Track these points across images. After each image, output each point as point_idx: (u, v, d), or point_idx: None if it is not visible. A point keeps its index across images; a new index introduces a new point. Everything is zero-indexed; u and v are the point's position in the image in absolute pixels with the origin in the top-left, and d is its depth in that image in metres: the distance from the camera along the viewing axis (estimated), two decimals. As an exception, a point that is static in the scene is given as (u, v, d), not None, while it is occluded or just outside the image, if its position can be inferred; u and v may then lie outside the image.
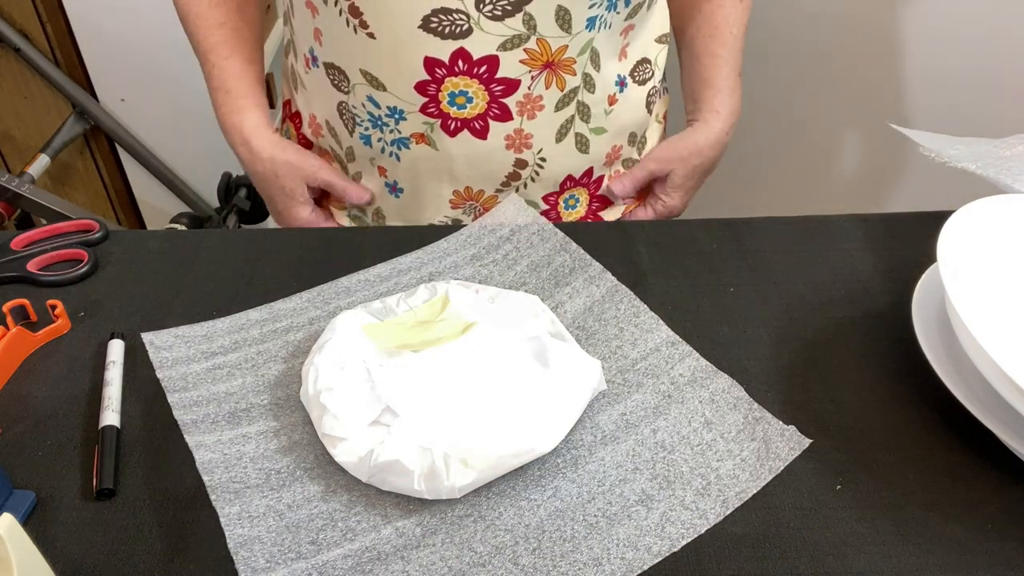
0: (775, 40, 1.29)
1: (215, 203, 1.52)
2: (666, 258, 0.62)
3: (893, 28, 1.27)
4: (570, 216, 0.78)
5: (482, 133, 0.68)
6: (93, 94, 1.48)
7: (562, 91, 0.68)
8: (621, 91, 0.73)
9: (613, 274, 0.59)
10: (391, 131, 0.69)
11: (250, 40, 0.76)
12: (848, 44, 1.30)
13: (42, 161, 1.43)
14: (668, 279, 0.60)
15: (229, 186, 1.46)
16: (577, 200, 0.77)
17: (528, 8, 0.62)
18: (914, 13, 1.25)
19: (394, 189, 0.74)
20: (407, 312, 0.55)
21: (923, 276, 0.55)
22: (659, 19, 0.77)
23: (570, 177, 0.74)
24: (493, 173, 0.71)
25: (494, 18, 0.62)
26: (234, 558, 0.42)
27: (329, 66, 0.70)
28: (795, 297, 0.59)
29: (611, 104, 0.73)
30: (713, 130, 0.76)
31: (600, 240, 0.63)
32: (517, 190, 0.73)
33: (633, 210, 0.80)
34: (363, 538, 0.43)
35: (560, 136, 0.71)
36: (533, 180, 0.73)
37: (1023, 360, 0.44)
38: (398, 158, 0.71)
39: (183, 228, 1.42)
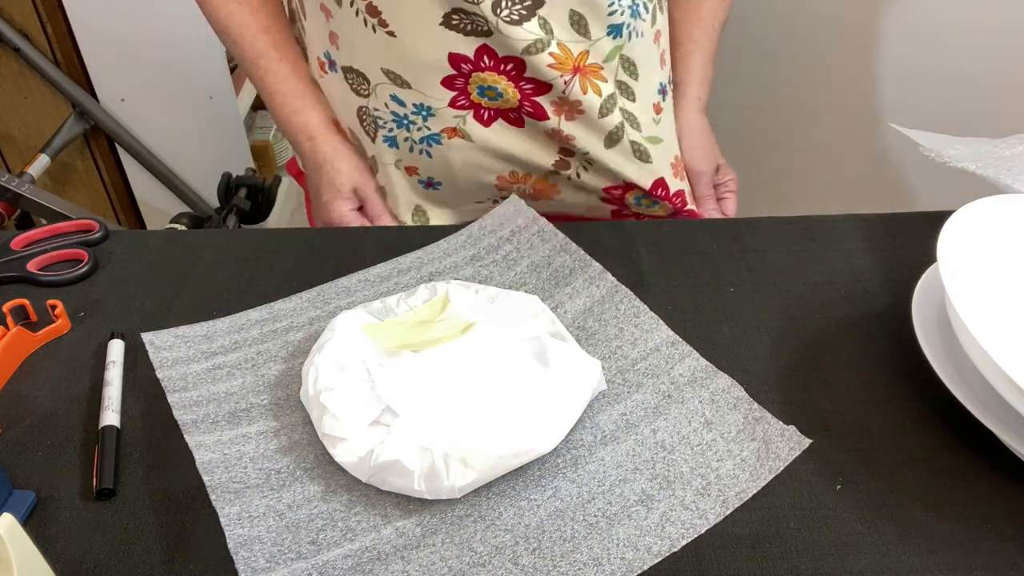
0: (775, 40, 1.29)
1: (215, 203, 1.52)
2: (666, 258, 0.62)
3: (893, 28, 1.27)
4: (654, 212, 0.77)
5: (518, 123, 0.67)
6: (93, 94, 1.48)
7: (600, 96, 0.67)
8: (664, 100, 0.73)
9: (613, 274, 0.59)
10: (419, 129, 0.68)
11: (292, 41, 0.76)
12: (848, 44, 1.30)
13: (42, 161, 1.43)
14: (668, 279, 0.60)
15: (229, 186, 1.45)
16: (656, 204, 0.76)
17: (541, 12, 0.62)
18: (915, 13, 1.25)
19: (430, 184, 0.73)
20: (407, 312, 0.55)
21: (923, 276, 0.55)
22: (664, 21, 0.77)
23: (634, 185, 0.73)
24: (537, 160, 0.70)
25: (511, 22, 0.62)
26: (234, 558, 0.42)
27: (347, 70, 0.69)
28: (795, 297, 0.59)
29: (657, 113, 0.72)
30: (699, 114, 0.80)
31: (600, 240, 0.63)
32: (569, 178, 0.72)
33: (722, 210, 0.82)
34: (363, 538, 0.43)
35: (610, 143, 0.70)
36: (585, 169, 0.71)
37: (1023, 360, 0.44)
38: (429, 155, 0.70)
39: (183, 228, 1.42)
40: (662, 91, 0.73)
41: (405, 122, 0.68)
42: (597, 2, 0.63)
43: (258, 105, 1.78)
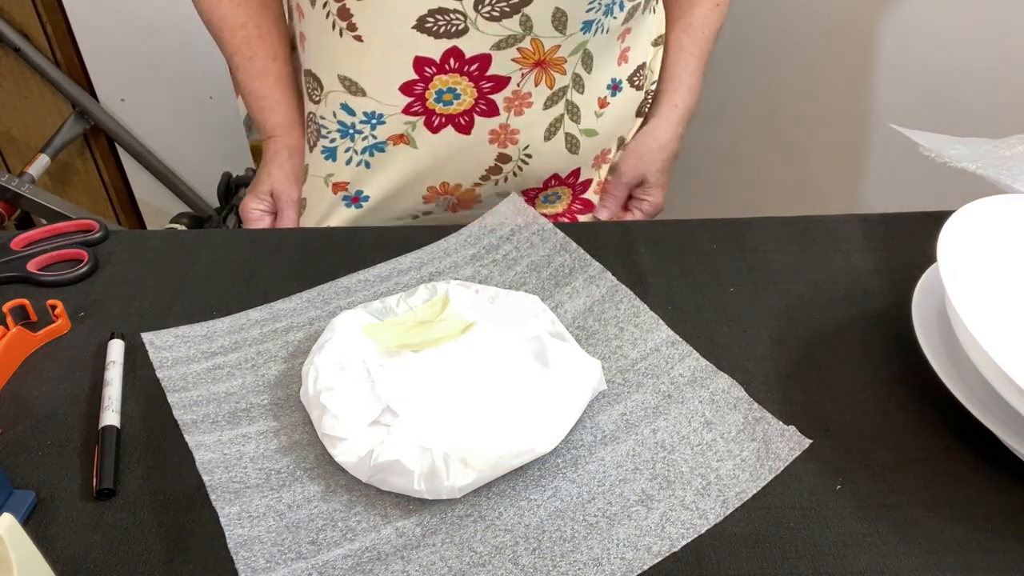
0: (775, 40, 1.29)
1: (215, 203, 1.52)
2: (666, 258, 0.62)
3: (893, 28, 1.27)
4: (546, 209, 0.78)
5: (466, 128, 0.68)
6: (93, 94, 1.48)
7: (551, 89, 0.68)
8: (613, 95, 0.73)
9: (613, 274, 0.59)
10: (364, 138, 0.69)
11: (274, 35, 0.76)
12: (848, 44, 1.30)
13: (42, 161, 1.43)
14: (668, 279, 0.60)
15: (229, 186, 1.45)
16: (559, 196, 0.77)
17: (527, 10, 0.62)
18: (915, 13, 1.25)
19: (355, 200, 0.74)
20: (407, 312, 0.55)
21: (923, 276, 0.55)
22: (656, 23, 0.77)
23: (556, 176, 0.75)
24: (474, 168, 0.71)
25: (491, 19, 0.62)
26: (234, 558, 0.42)
27: (307, 73, 0.70)
28: (795, 297, 0.59)
29: (601, 107, 0.73)
30: (671, 123, 0.78)
31: (600, 240, 0.63)
32: (496, 184, 0.73)
33: (622, 217, 0.80)
34: (363, 538, 0.43)
35: (549, 135, 0.71)
36: (515, 175, 0.73)
37: (1023, 360, 0.44)
38: (368, 165, 0.71)
39: (183, 228, 1.42)
40: (613, 86, 0.73)
41: (351, 132, 0.69)
42: (579, 1, 0.64)
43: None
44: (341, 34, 0.64)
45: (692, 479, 0.46)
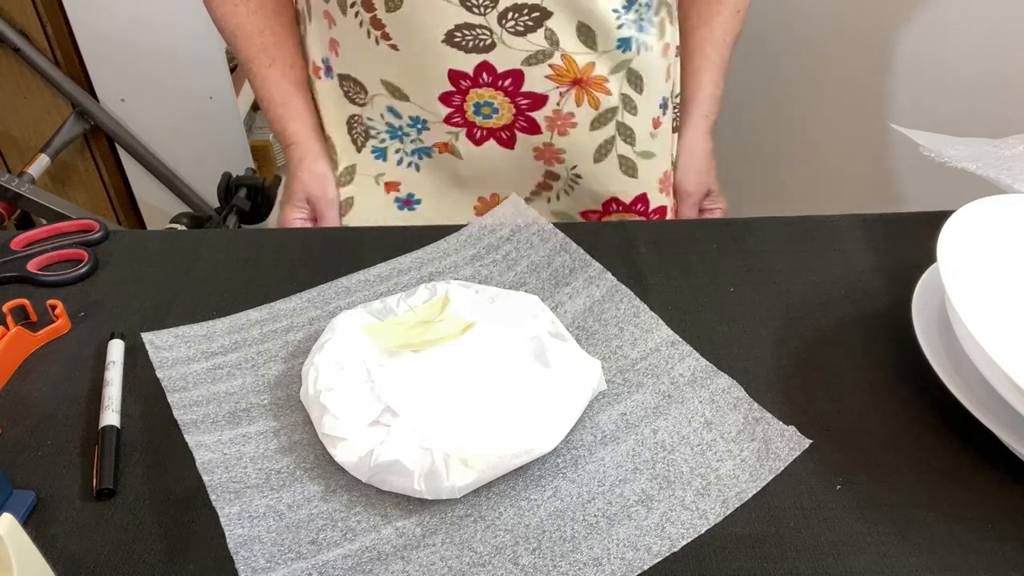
0: (775, 40, 1.29)
1: (215, 203, 1.52)
2: (666, 258, 0.62)
3: (893, 28, 1.27)
4: None
5: (509, 143, 0.67)
6: (93, 94, 1.49)
7: (596, 109, 0.67)
8: (664, 113, 0.73)
9: (613, 274, 0.59)
10: (412, 141, 0.69)
11: (289, 43, 0.75)
12: (848, 44, 1.30)
13: (42, 161, 1.43)
14: (668, 279, 0.60)
15: (229, 186, 1.46)
16: None
17: (549, 23, 0.62)
18: (914, 13, 1.25)
19: (407, 203, 0.74)
20: (407, 312, 0.55)
21: (923, 276, 0.55)
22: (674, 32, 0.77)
23: (615, 200, 0.73)
24: (522, 180, 0.70)
25: (516, 33, 0.62)
26: (234, 558, 0.42)
27: (344, 78, 0.69)
28: (795, 297, 0.59)
29: (656, 127, 0.72)
30: (706, 132, 0.78)
31: (600, 240, 0.63)
32: (548, 201, 0.72)
33: None
34: (363, 538, 0.43)
35: (599, 156, 0.70)
36: (567, 193, 0.72)
37: (1023, 360, 0.44)
38: (418, 168, 0.71)
39: (183, 228, 1.42)
40: (663, 105, 0.73)
41: (399, 133, 0.69)
42: (603, 17, 0.63)
43: (258, 105, 1.78)
44: (377, 42, 0.64)
45: (692, 479, 0.46)
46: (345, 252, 0.63)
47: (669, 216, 0.77)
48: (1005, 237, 0.54)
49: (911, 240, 0.64)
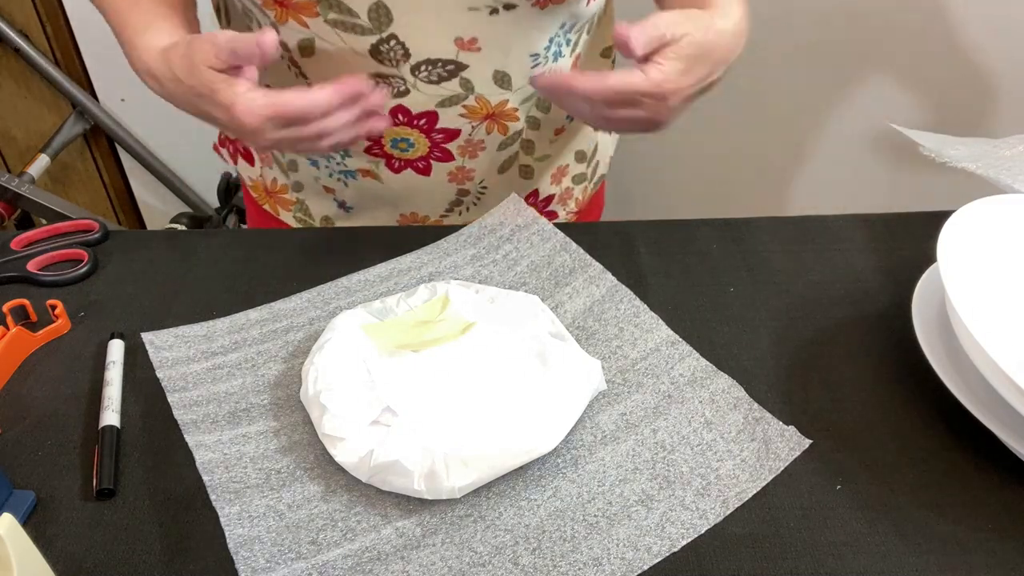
0: (775, 40, 1.29)
1: (215, 203, 1.52)
2: (666, 258, 0.62)
3: (893, 28, 1.27)
4: None
5: (425, 171, 0.69)
6: (93, 94, 1.48)
7: (504, 135, 0.69)
8: (571, 121, 0.74)
9: (613, 274, 0.59)
10: (338, 163, 0.70)
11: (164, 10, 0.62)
12: (848, 44, 1.30)
13: (42, 161, 1.43)
14: (668, 279, 0.60)
15: (229, 186, 1.46)
16: None
17: (464, 74, 0.62)
18: (914, 13, 1.25)
19: (343, 206, 0.75)
20: (407, 312, 0.55)
21: (923, 276, 0.55)
22: (602, 35, 0.74)
23: None
24: (436, 201, 0.73)
25: (430, 82, 0.62)
26: (234, 558, 0.42)
27: None
28: (795, 297, 0.59)
29: (557, 135, 0.73)
30: (731, 18, 0.59)
31: (600, 240, 0.63)
32: (460, 214, 0.75)
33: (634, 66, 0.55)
34: (363, 538, 0.43)
35: (503, 168, 0.72)
36: (475, 204, 0.74)
37: (1023, 360, 0.44)
38: (346, 184, 0.72)
39: (183, 228, 1.42)
40: (570, 117, 0.73)
41: (327, 156, 0.70)
42: (521, 61, 0.63)
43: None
44: (296, 76, 0.64)
45: (692, 479, 0.46)
46: (345, 252, 0.63)
47: (556, 200, 0.78)
48: (1005, 237, 0.54)
49: (911, 240, 0.64)
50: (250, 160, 0.80)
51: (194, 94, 0.56)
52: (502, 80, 0.64)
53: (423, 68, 0.61)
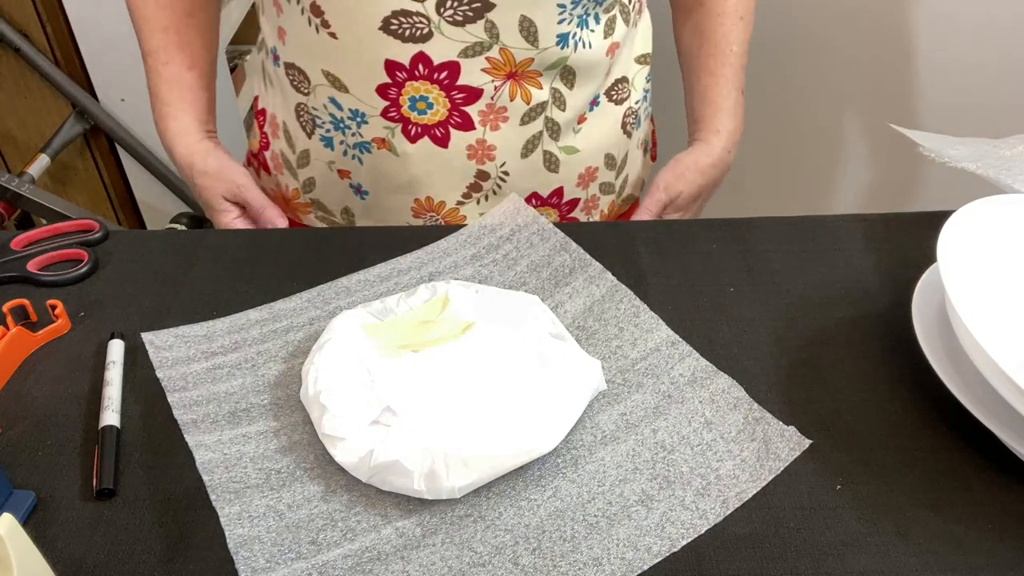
0: (774, 39, 1.29)
1: (215, 203, 1.52)
2: (666, 258, 0.62)
3: (893, 27, 1.27)
4: None
5: (443, 141, 0.68)
6: (93, 94, 1.48)
7: (528, 104, 0.67)
8: (591, 109, 0.73)
9: (613, 274, 0.59)
10: (353, 134, 0.69)
11: (195, 45, 0.76)
12: (848, 44, 1.30)
13: (42, 161, 1.43)
14: (668, 279, 0.60)
15: (229, 186, 1.45)
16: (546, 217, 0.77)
17: (490, 15, 0.61)
18: (914, 12, 1.25)
19: (359, 191, 0.74)
20: (407, 312, 0.55)
21: (923, 276, 0.55)
22: (642, 39, 0.76)
23: (536, 195, 0.74)
24: (454, 182, 0.71)
25: (455, 23, 0.61)
26: (234, 558, 0.42)
27: (289, 66, 0.70)
28: (795, 297, 0.59)
29: (580, 123, 0.72)
30: (715, 149, 0.75)
31: (600, 240, 0.63)
32: (478, 202, 0.73)
33: None
34: (363, 538, 0.43)
35: (526, 152, 0.70)
36: (495, 192, 0.72)
37: (1023, 360, 0.44)
38: (361, 162, 0.71)
39: (183, 228, 1.42)
40: (593, 102, 0.72)
41: (341, 126, 0.69)
42: (547, 9, 0.63)
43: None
44: (317, 30, 0.64)
45: (692, 479, 0.46)
46: (345, 252, 0.63)
47: (580, 208, 0.77)
48: (1005, 237, 0.54)
49: (911, 240, 0.64)
50: (267, 170, 0.80)
51: (196, 193, 0.77)
52: (528, 30, 0.63)
53: (449, 4, 0.60)
